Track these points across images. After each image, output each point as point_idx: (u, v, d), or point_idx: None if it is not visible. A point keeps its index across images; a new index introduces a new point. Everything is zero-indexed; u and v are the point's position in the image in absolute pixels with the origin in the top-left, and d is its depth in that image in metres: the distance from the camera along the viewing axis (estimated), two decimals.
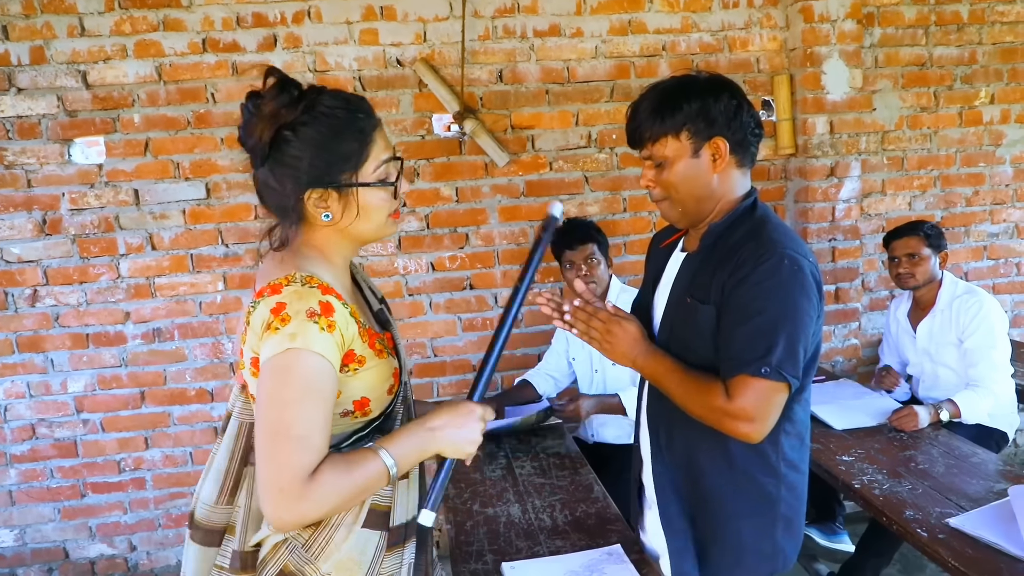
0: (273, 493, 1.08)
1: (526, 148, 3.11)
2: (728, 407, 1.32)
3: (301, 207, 1.19)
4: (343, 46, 2.94)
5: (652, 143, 1.43)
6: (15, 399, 3.00)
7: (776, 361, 1.29)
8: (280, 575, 1.20)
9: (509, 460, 2.31)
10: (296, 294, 1.12)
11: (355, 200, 1.20)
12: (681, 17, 3.11)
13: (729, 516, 1.46)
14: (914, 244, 2.74)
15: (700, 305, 1.40)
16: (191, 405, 3.09)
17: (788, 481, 1.45)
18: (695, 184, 1.42)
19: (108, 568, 3.17)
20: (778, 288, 1.31)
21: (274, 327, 1.11)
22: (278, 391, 1.10)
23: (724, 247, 1.41)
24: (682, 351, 1.44)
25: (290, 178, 1.17)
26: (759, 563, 1.47)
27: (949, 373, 2.73)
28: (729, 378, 1.33)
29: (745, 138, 1.43)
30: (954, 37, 3.30)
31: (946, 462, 2.12)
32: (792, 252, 1.34)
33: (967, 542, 1.68)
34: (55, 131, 2.87)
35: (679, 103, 1.39)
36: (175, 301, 3.02)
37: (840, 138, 3.14)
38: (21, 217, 2.90)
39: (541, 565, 1.67)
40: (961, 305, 2.67)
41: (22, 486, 3.06)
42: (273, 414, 1.10)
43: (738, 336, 1.33)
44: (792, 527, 1.48)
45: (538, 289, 3.18)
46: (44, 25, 2.79)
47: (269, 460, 1.09)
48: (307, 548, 1.20)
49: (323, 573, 1.19)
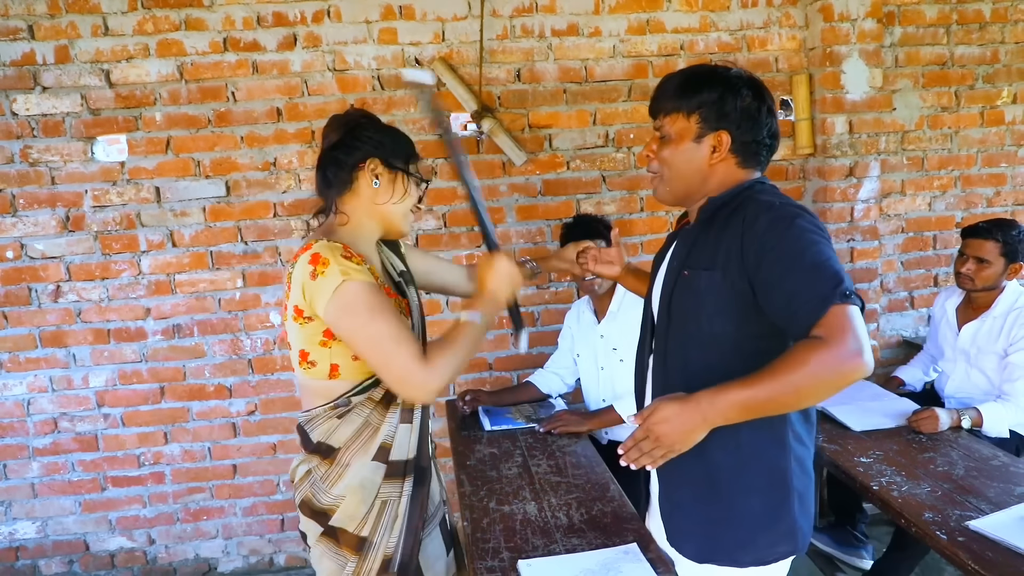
0: (405, 384, 1.40)
1: (543, 147, 3.11)
2: (837, 348, 1.18)
3: (356, 172, 1.51)
4: (362, 45, 2.96)
5: (664, 116, 1.46)
6: (38, 393, 3.05)
7: (847, 286, 1.22)
8: (304, 502, 1.53)
9: (525, 458, 2.32)
10: (325, 247, 1.41)
11: (401, 183, 1.54)
12: (699, 16, 3.10)
13: (740, 492, 1.41)
14: (988, 249, 2.57)
15: (702, 272, 1.38)
16: (210, 401, 3.12)
17: (796, 454, 1.41)
18: (687, 168, 1.44)
19: (127, 561, 3.21)
20: (804, 230, 1.29)
21: (320, 271, 1.38)
22: (357, 320, 1.39)
23: (723, 215, 1.40)
24: (680, 327, 1.42)
25: (359, 148, 1.50)
26: (776, 542, 1.42)
27: (982, 379, 2.65)
28: (818, 319, 1.21)
29: (754, 142, 1.43)
30: (976, 36, 3.26)
31: (966, 464, 2.10)
32: (793, 204, 1.36)
33: (987, 545, 1.66)
34: (79, 129, 2.91)
35: (701, 87, 1.41)
36: (195, 297, 3.05)
37: (859, 138, 3.12)
38: (45, 214, 2.95)
39: (557, 563, 1.67)
40: (1017, 318, 2.54)
41: (44, 479, 3.11)
42: (365, 335, 1.39)
43: (799, 281, 1.24)
44: (805, 502, 1.44)
45: (553, 288, 3.21)
46: (69, 25, 2.84)
47: (387, 364, 1.39)
48: (324, 479, 1.50)
49: (336, 495, 1.50)
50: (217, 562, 3.27)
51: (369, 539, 1.50)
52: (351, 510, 1.50)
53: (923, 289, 3.42)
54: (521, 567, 1.66)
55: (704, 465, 1.42)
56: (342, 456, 1.50)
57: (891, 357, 3.41)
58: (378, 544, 1.51)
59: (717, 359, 1.38)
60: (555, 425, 2.51)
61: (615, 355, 2.59)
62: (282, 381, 3.14)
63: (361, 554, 1.51)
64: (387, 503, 1.52)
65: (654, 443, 1.30)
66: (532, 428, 2.55)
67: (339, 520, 1.50)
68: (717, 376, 1.29)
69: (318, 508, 1.51)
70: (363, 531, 1.50)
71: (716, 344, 1.38)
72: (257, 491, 3.22)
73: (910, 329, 3.45)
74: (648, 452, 1.31)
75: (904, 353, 3.41)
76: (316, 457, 1.53)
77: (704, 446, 1.33)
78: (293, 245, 3.05)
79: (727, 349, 1.37)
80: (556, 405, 2.78)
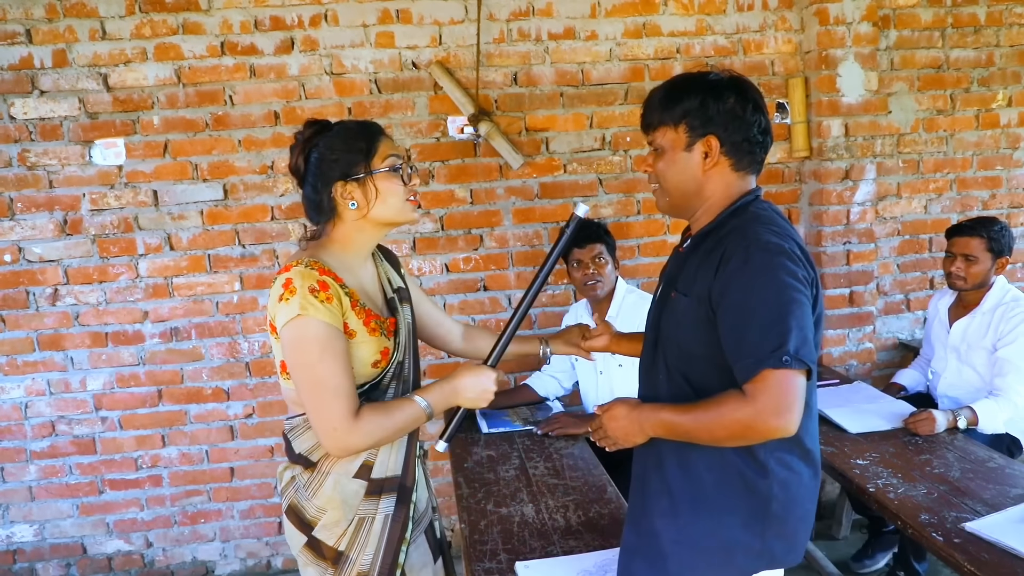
0: (328, 432, 1.42)
1: (540, 150, 3.12)
2: (754, 408, 1.28)
3: (332, 202, 1.50)
4: (359, 49, 2.97)
5: (654, 130, 1.48)
6: (35, 396, 3.05)
7: (794, 348, 1.26)
8: (290, 508, 1.55)
9: (523, 460, 2.32)
10: (300, 274, 1.42)
11: (372, 186, 1.49)
12: (696, 20, 3.11)
13: (716, 513, 1.41)
14: (974, 246, 2.60)
15: (682, 297, 1.41)
16: (207, 404, 3.12)
17: (780, 479, 1.40)
18: (682, 177, 1.45)
19: (125, 564, 3.21)
20: (770, 278, 1.30)
21: (284, 298, 1.41)
22: (303, 356, 1.41)
23: (710, 243, 1.41)
24: (666, 345, 1.45)
25: (320, 179, 1.49)
26: (749, 562, 1.43)
27: (974, 376, 2.67)
28: (750, 378, 1.29)
29: (744, 141, 1.42)
30: (971, 39, 3.28)
31: (962, 466, 2.10)
32: (775, 240, 1.33)
33: (983, 547, 1.67)
34: (76, 133, 2.91)
35: (682, 96, 1.42)
36: (192, 301, 3.05)
37: (855, 141, 3.13)
38: (43, 217, 2.95)
39: (554, 565, 1.68)
40: (1005, 312, 2.57)
41: (41, 482, 3.11)
42: (307, 374, 1.42)
43: (746, 335, 1.30)
44: (786, 527, 1.43)
45: (551, 291, 3.21)
46: (67, 29, 2.84)
47: (317, 409, 1.42)
48: (307, 487, 1.53)
49: (317, 507, 1.52)
50: (214, 565, 3.27)
51: (346, 553, 1.52)
52: (331, 523, 1.52)
53: (919, 292, 3.43)
54: (519, 569, 1.67)
55: (687, 483, 1.44)
56: (322, 465, 1.53)
57: (887, 360, 3.42)
58: (353, 560, 1.52)
59: (697, 375, 1.41)
60: (553, 427, 2.52)
61: (614, 359, 2.59)
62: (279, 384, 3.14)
63: (338, 567, 1.52)
64: (364, 520, 1.53)
65: (604, 434, 1.49)
66: (529, 430, 2.55)
67: (320, 532, 1.53)
68: (695, 389, 1.40)
69: (304, 519, 1.54)
70: (340, 545, 1.52)
71: (693, 361, 1.41)
72: (255, 494, 3.22)
73: (906, 331, 3.46)
74: (602, 438, 1.51)
75: (900, 355, 3.42)
76: (298, 465, 1.56)
77: (690, 466, 1.42)
78: (291, 248, 3.06)
79: (704, 366, 1.40)
80: (553, 408, 2.79)
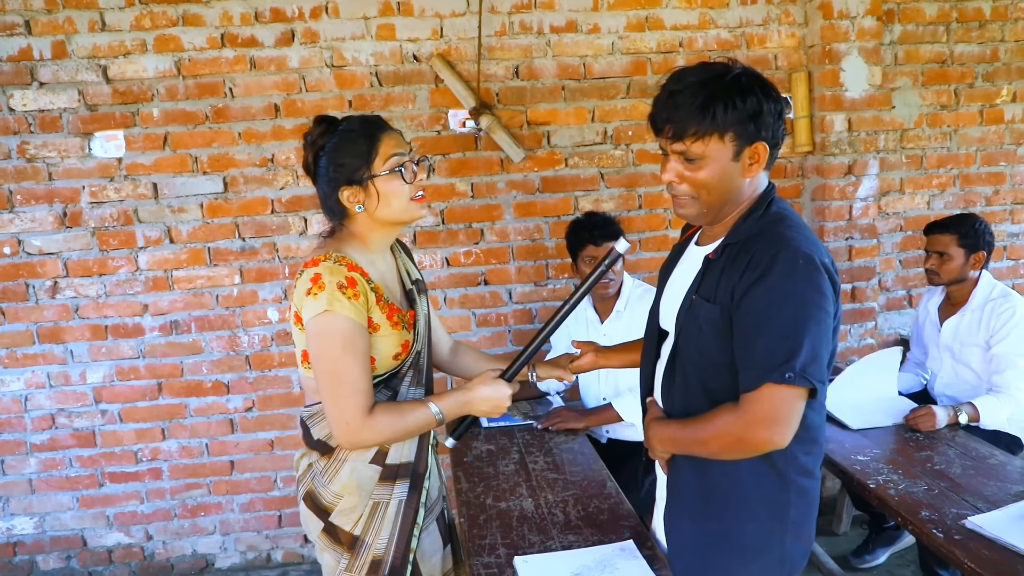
0: (341, 425, 1.47)
1: (542, 144, 3.11)
2: (743, 419, 1.28)
3: (340, 204, 1.54)
4: (360, 41, 2.95)
5: (694, 139, 1.31)
6: (35, 389, 3.04)
7: (800, 365, 1.24)
8: (307, 494, 1.59)
9: (522, 455, 2.32)
10: (329, 269, 1.47)
11: (375, 190, 1.52)
12: (699, 13, 3.09)
13: (735, 519, 1.42)
14: (945, 242, 2.63)
15: (705, 303, 1.37)
16: (207, 397, 3.12)
17: (799, 486, 1.41)
18: (728, 187, 1.35)
19: (125, 557, 3.21)
20: (794, 290, 1.26)
21: (313, 292, 1.45)
22: (327, 349, 1.46)
23: (737, 247, 1.36)
24: (689, 349, 1.42)
25: (328, 184, 1.54)
26: (765, 569, 1.43)
27: (970, 374, 2.67)
28: (753, 389, 1.27)
29: (780, 142, 1.38)
30: (976, 34, 3.26)
31: (963, 463, 2.10)
32: (806, 250, 1.29)
33: (983, 543, 1.67)
34: (76, 125, 2.90)
35: (732, 101, 1.29)
36: (192, 294, 3.05)
37: (858, 136, 3.11)
38: (42, 210, 2.94)
39: (553, 559, 1.68)
40: (994, 308, 2.57)
41: (42, 475, 3.11)
42: (328, 367, 1.46)
43: (759, 344, 1.27)
44: (802, 532, 1.45)
45: (552, 287, 3.20)
46: (66, 20, 2.83)
47: (333, 402, 1.47)
48: (324, 473, 1.57)
49: (334, 492, 1.56)
50: (214, 558, 3.27)
51: (361, 538, 1.56)
52: (347, 509, 1.56)
53: (921, 288, 3.42)
54: (517, 563, 1.66)
55: (707, 488, 1.44)
56: (339, 451, 1.57)
57: None
58: (368, 544, 1.56)
59: (716, 383, 1.39)
60: (553, 422, 2.51)
61: None
62: (280, 377, 3.14)
63: (354, 551, 1.57)
64: (379, 505, 1.57)
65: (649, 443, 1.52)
66: (529, 425, 2.55)
67: (336, 517, 1.57)
68: (712, 399, 1.38)
69: (321, 505, 1.58)
70: (356, 530, 1.56)
71: (714, 367, 1.38)
72: (255, 487, 3.21)
73: (908, 327, 3.45)
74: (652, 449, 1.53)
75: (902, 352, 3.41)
76: (315, 452, 1.60)
77: (708, 473, 1.42)
78: (291, 241, 3.05)
79: (725, 375, 1.37)
80: (553, 402, 2.78)
